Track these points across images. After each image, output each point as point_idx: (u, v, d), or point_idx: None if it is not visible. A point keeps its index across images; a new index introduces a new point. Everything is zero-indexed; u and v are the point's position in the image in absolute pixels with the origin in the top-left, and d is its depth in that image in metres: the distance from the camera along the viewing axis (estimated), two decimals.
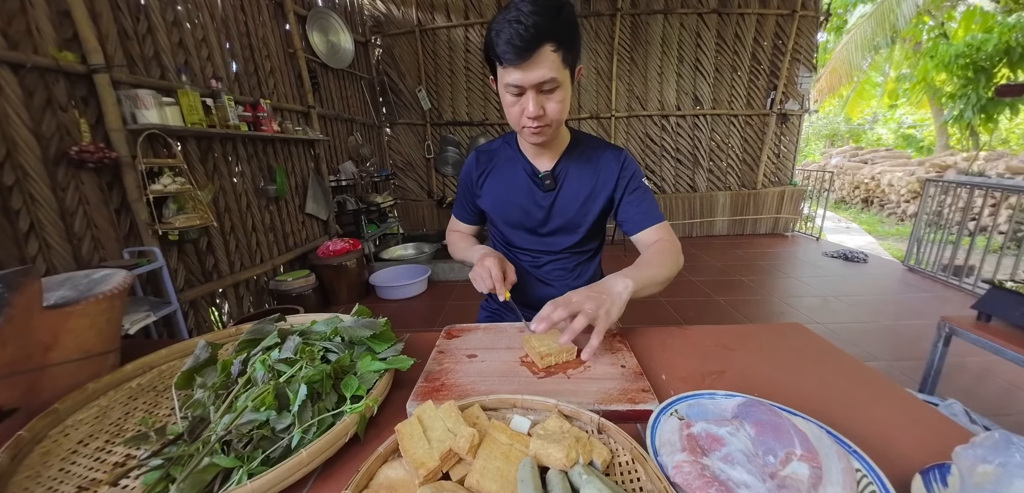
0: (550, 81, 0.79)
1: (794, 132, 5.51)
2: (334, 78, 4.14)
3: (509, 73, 0.79)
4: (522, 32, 0.74)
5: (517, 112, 0.85)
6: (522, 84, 0.80)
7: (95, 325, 0.74)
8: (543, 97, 0.82)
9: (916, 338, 2.57)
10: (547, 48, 0.76)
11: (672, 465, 0.46)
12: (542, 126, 0.86)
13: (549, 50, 0.77)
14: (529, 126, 0.85)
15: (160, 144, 2.07)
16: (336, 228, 3.87)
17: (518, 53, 0.76)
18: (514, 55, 0.76)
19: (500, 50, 0.78)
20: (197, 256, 2.42)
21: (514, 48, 0.75)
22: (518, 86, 0.80)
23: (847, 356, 0.80)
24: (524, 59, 0.76)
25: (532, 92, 0.81)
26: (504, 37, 0.76)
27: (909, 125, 13.19)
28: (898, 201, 7.36)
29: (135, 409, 0.69)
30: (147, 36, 2.09)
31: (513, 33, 0.75)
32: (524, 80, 0.79)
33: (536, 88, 0.80)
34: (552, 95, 0.83)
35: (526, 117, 0.84)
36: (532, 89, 0.80)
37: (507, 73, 0.80)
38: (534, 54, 0.76)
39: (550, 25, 0.75)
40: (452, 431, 0.50)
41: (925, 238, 3.77)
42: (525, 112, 0.83)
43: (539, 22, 0.74)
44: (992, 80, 7.14)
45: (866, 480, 0.48)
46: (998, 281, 1.10)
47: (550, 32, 0.76)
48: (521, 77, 0.79)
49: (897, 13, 7.26)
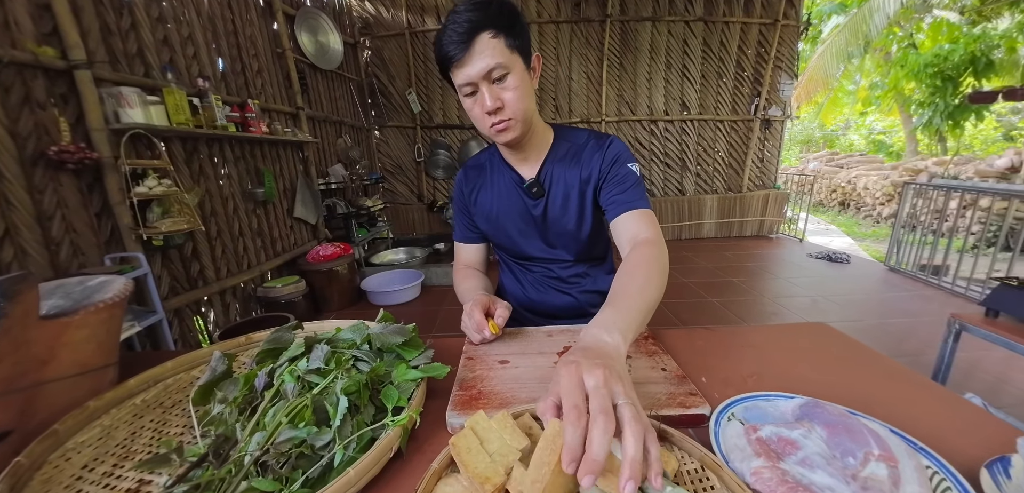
0: (497, 67, 0.77)
1: (777, 137, 5.66)
2: (323, 79, 4.05)
3: (457, 74, 0.79)
4: (458, 27, 0.76)
5: (479, 113, 0.83)
6: (471, 79, 0.78)
7: (94, 337, 0.68)
8: (496, 87, 0.80)
9: (904, 336, 2.65)
10: (485, 36, 0.76)
11: (750, 472, 0.44)
12: (503, 120, 0.82)
13: (487, 37, 0.76)
14: (493, 122, 0.83)
15: (144, 145, 1.97)
16: (325, 232, 3.77)
17: (457, 46, 0.76)
18: (455, 49, 0.76)
19: (443, 52, 0.78)
20: (182, 262, 2.31)
21: (454, 44, 0.76)
22: (470, 84, 0.79)
23: (877, 354, 0.80)
24: (464, 51, 0.76)
25: (484, 85, 0.79)
26: (445, 39, 0.77)
27: (879, 131, 13.77)
28: (873, 204, 7.63)
29: (142, 428, 0.63)
30: (130, 32, 1.99)
31: (451, 32, 0.76)
32: (471, 73, 0.78)
33: (486, 78, 0.78)
34: (504, 83, 0.80)
35: (485, 113, 0.82)
36: (482, 81, 0.78)
37: (456, 75, 0.79)
38: (472, 44, 0.76)
39: (482, 16, 0.76)
40: (510, 443, 0.46)
41: (904, 240, 3.91)
42: (484, 108, 0.81)
43: (472, 15, 0.75)
44: (958, 88, 7.51)
45: (938, 477, 0.47)
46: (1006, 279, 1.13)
47: (484, 20, 0.76)
48: (467, 72, 0.78)
49: (869, 24, 7.55)
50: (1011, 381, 2.10)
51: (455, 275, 1.09)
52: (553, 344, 0.79)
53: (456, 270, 1.10)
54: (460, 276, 1.06)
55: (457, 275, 1.08)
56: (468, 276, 1.06)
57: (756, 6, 5.07)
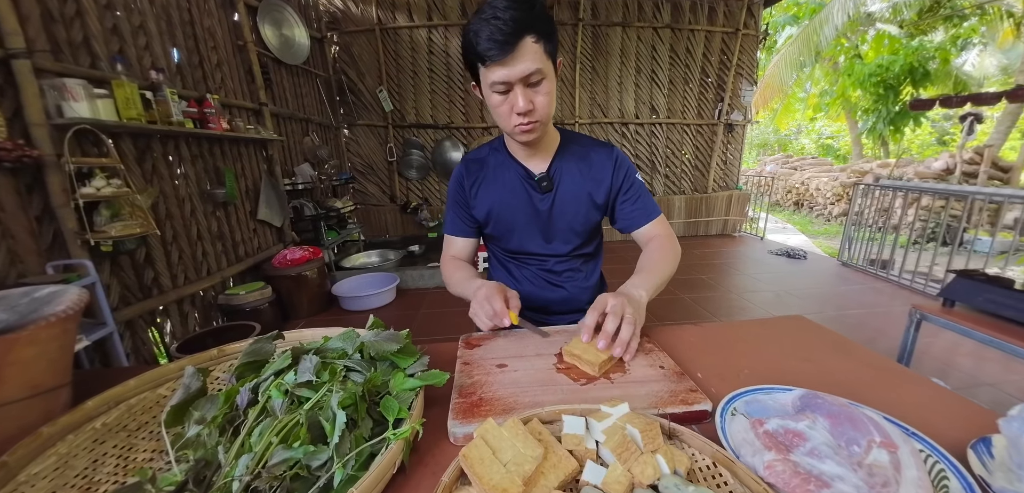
0: (536, 73, 0.78)
1: (739, 141, 5.94)
2: (288, 75, 3.87)
3: (493, 71, 0.77)
4: (502, 26, 0.74)
5: (506, 111, 0.83)
6: (508, 79, 0.78)
7: (45, 354, 0.61)
8: (530, 91, 0.81)
9: (860, 325, 2.84)
10: (528, 40, 0.75)
11: (763, 465, 0.44)
12: (532, 122, 0.84)
13: (531, 41, 0.76)
14: (520, 123, 0.83)
15: (91, 142, 1.80)
16: (292, 236, 3.60)
17: (501, 48, 0.74)
18: (497, 50, 0.75)
19: (482, 48, 0.76)
20: (134, 269, 2.13)
21: (496, 43, 0.74)
22: (504, 83, 0.78)
23: (853, 343, 0.84)
24: (507, 53, 0.75)
25: (519, 86, 0.79)
26: (484, 35, 0.75)
27: (828, 136, 14.74)
28: (825, 204, 8.16)
29: (104, 455, 0.56)
30: (75, 19, 1.81)
31: (493, 29, 0.74)
32: (510, 75, 0.77)
33: (523, 82, 0.79)
34: (539, 88, 0.81)
35: (516, 113, 0.81)
36: (519, 83, 0.79)
37: (491, 71, 0.78)
38: (517, 47, 0.75)
39: (528, 17, 0.75)
40: (524, 451, 0.45)
41: (856, 237, 4.19)
42: (515, 108, 0.81)
43: (517, 14, 0.74)
44: (899, 96, 8.15)
45: (932, 459, 0.49)
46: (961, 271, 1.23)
47: (529, 23, 0.75)
48: (506, 73, 0.77)
49: (820, 35, 8.07)
50: (957, 365, 2.30)
51: (444, 266, 1.09)
52: (550, 345, 0.78)
53: (445, 261, 1.10)
54: (450, 266, 1.06)
55: (447, 265, 1.08)
56: (460, 266, 1.06)
57: (719, 15, 5.29)
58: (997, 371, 2.22)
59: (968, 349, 2.40)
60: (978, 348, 2.23)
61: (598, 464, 0.46)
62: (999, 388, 2.09)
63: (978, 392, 2.07)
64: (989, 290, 1.18)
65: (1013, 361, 2.19)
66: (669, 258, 0.93)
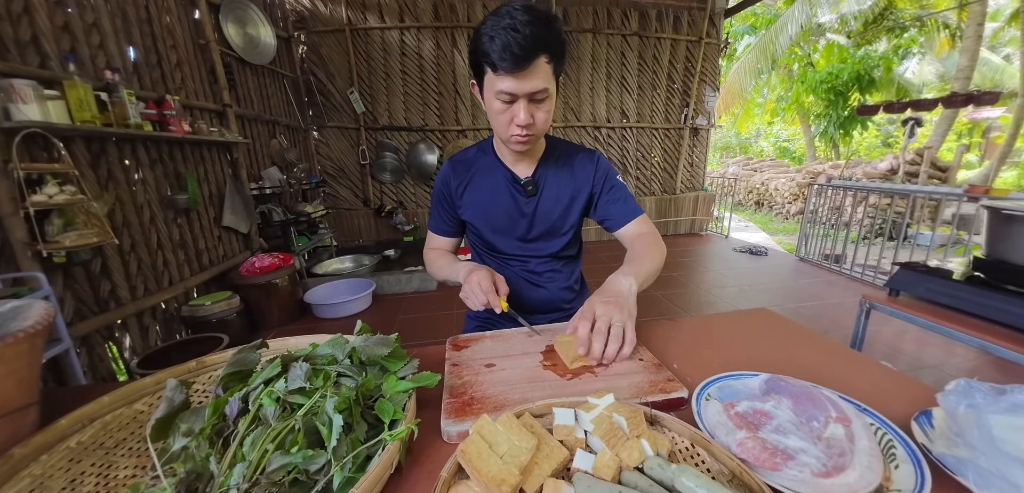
0: (542, 91, 0.81)
1: (704, 144, 6.20)
2: (253, 75, 3.73)
3: (503, 80, 0.79)
4: (520, 41, 0.74)
5: (506, 120, 0.85)
6: (516, 93, 0.80)
7: (13, 373, 0.58)
8: (533, 106, 0.83)
9: (816, 316, 3.04)
10: (542, 59, 0.78)
11: (736, 443, 0.49)
12: (530, 135, 0.86)
13: (544, 61, 0.78)
14: (518, 135, 0.86)
15: (41, 146, 1.69)
16: (260, 242, 3.47)
17: (516, 62, 0.75)
18: (511, 63, 0.75)
19: (496, 57, 0.76)
20: (89, 281, 2.01)
21: (512, 56, 0.75)
22: (511, 94, 0.80)
23: (814, 332, 0.92)
24: (521, 68, 0.76)
25: (524, 101, 0.81)
26: (500, 43, 0.75)
27: (784, 139, 15.58)
28: (783, 203, 8.63)
29: (82, 475, 0.55)
30: (23, 16, 1.69)
31: (511, 41, 0.74)
32: (519, 89, 0.79)
33: (528, 97, 0.81)
34: (542, 105, 0.84)
35: (516, 125, 0.84)
36: (524, 98, 0.81)
37: (500, 80, 0.79)
38: (531, 64, 0.77)
39: (546, 36, 0.76)
40: (519, 444, 0.47)
41: (811, 234, 4.46)
42: (515, 120, 0.83)
43: (536, 32, 0.75)
44: (848, 102, 8.74)
45: (881, 431, 0.55)
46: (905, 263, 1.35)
47: (546, 43, 0.77)
48: (516, 86, 0.79)
49: (775, 44, 8.55)
50: (903, 349, 2.51)
51: (428, 255, 1.13)
52: (535, 344, 0.81)
53: (428, 251, 1.14)
54: (434, 255, 1.11)
55: (431, 255, 1.12)
56: (443, 254, 1.11)
57: (683, 24, 5.51)
58: (938, 354, 2.44)
59: (913, 335, 2.62)
60: (921, 333, 2.45)
61: (587, 451, 0.49)
62: (940, 369, 2.30)
63: (922, 373, 2.26)
64: (930, 280, 1.30)
65: (952, 344, 2.44)
66: (656, 253, 0.94)
